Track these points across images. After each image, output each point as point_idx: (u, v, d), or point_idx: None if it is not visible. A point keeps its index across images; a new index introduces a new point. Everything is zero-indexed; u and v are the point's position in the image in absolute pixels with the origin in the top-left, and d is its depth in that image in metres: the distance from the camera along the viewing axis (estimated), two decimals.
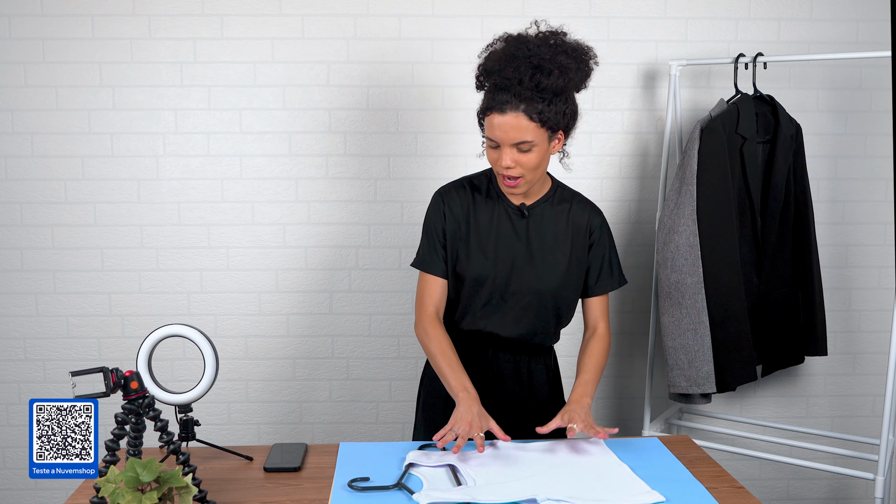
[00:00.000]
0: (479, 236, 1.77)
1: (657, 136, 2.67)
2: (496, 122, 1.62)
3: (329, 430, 2.72)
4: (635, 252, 2.72)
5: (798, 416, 2.80)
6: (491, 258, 1.76)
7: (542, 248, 1.77)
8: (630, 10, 2.62)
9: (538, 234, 1.77)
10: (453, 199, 1.80)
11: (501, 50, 1.66)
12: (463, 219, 1.78)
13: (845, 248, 2.73)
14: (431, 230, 1.81)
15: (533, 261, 1.76)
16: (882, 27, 2.63)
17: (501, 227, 1.77)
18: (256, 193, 2.63)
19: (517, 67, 1.61)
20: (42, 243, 2.61)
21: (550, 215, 1.79)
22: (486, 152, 1.70)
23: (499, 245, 1.76)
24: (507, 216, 1.77)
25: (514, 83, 1.60)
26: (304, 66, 2.58)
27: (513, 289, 1.77)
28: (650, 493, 1.39)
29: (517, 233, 1.77)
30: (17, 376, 2.65)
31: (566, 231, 1.78)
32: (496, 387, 1.83)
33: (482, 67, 1.68)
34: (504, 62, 1.63)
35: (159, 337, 1.51)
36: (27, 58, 2.54)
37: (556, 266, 1.77)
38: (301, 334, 2.68)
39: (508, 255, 1.76)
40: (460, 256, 1.77)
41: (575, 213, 1.80)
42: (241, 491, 1.46)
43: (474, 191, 1.80)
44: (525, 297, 1.77)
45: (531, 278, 1.76)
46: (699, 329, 2.30)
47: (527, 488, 1.39)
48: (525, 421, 1.80)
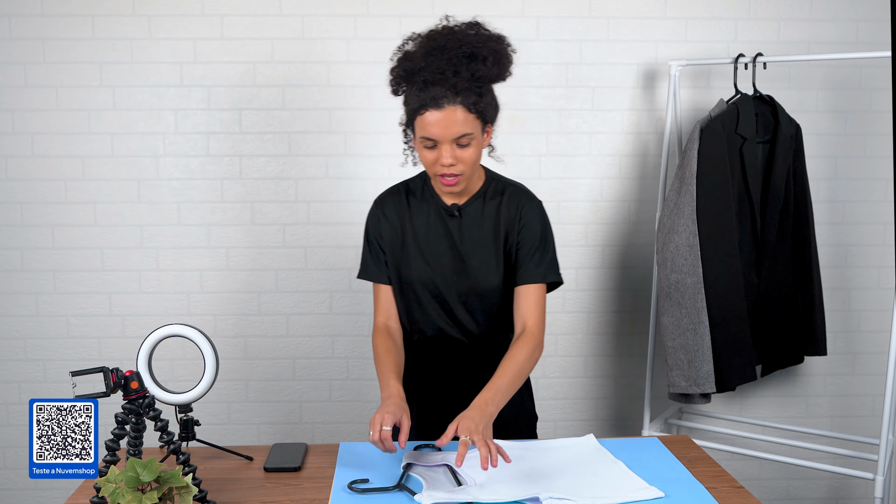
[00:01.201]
0: (417, 241, 1.73)
1: (657, 136, 2.67)
2: (433, 119, 1.54)
3: (329, 430, 2.72)
4: (635, 252, 2.72)
5: (798, 416, 2.80)
6: (432, 262, 1.71)
7: (475, 249, 1.71)
8: (630, 10, 2.62)
9: (470, 234, 1.71)
10: (388, 205, 1.76)
11: (423, 46, 1.58)
12: (399, 225, 1.74)
13: (845, 248, 2.73)
14: (371, 239, 1.77)
15: (468, 262, 1.71)
16: (882, 27, 2.63)
17: (437, 229, 1.72)
18: (256, 193, 2.63)
19: (449, 59, 1.54)
20: (42, 243, 2.61)
21: (483, 212, 1.72)
22: (421, 155, 1.61)
23: (437, 248, 1.72)
24: (441, 218, 1.72)
25: (448, 75, 1.53)
26: (303, 66, 2.58)
27: (457, 291, 1.72)
28: (649, 489, 1.40)
29: (451, 234, 1.71)
30: (17, 376, 2.65)
31: (498, 227, 1.71)
32: (461, 391, 1.75)
33: (401, 69, 1.60)
34: (431, 56, 1.55)
35: (159, 337, 1.51)
36: (27, 58, 2.54)
37: (489, 266, 1.71)
38: (301, 334, 2.69)
39: (446, 258, 1.71)
40: (402, 263, 1.73)
41: (505, 205, 1.72)
42: (241, 491, 1.46)
43: (409, 195, 1.76)
44: (470, 299, 1.72)
45: (469, 280, 1.71)
46: (699, 329, 2.30)
47: (528, 486, 1.39)
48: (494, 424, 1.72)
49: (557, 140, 2.66)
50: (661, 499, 1.38)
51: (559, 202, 2.68)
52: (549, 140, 2.66)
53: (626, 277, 2.73)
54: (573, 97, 2.65)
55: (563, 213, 2.68)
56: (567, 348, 2.76)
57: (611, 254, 2.72)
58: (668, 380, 2.38)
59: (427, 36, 1.60)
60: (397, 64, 1.62)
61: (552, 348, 2.74)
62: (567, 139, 2.66)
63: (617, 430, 2.79)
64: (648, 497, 1.37)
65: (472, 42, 1.56)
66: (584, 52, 2.63)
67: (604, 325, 2.75)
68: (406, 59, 1.60)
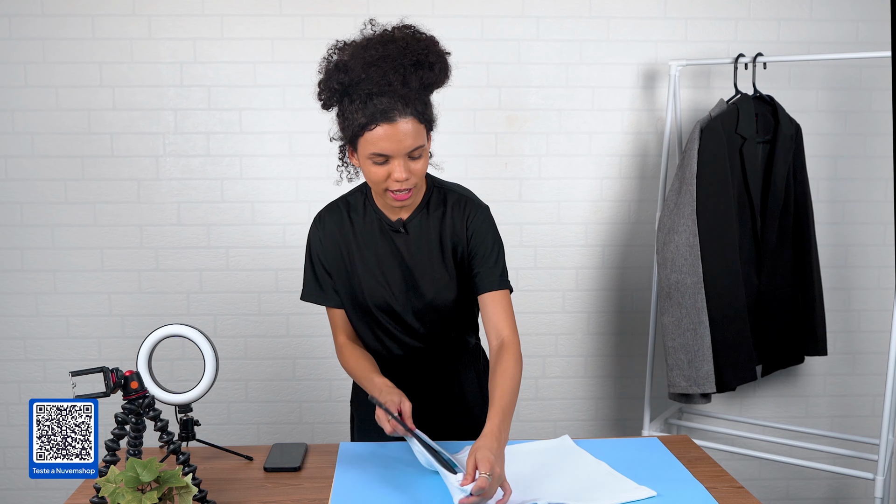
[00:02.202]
0: (364, 260, 1.63)
1: (657, 136, 2.67)
2: (384, 133, 1.42)
3: (329, 430, 2.72)
4: (635, 252, 2.72)
5: (798, 416, 2.80)
6: (381, 282, 1.62)
7: (425, 265, 1.62)
8: (630, 10, 2.62)
9: (418, 249, 1.62)
10: (329, 224, 1.65)
11: (359, 56, 1.46)
12: (343, 244, 1.64)
13: (845, 248, 2.73)
14: (314, 261, 1.67)
15: (418, 279, 1.62)
16: (882, 27, 2.63)
17: (383, 246, 1.62)
18: (256, 193, 2.63)
19: (395, 68, 1.43)
20: (42, 243, 2.61)
21: (428, 225, 1.62)
22: (368, 172, 1.49)
23: (386, 266, 1.62)
24: (386, 234, 1.62)
25: (396, 86, 1.43)
26: (304, 66, 2.58)
27: (413, 309, 1.64)
28: (639, 489, 1.39)
29: (399, 251, 1.62)
30: (17, 376, 2.65)
31: (444, 240, 1.61)
32: (437, 398, 1.72)
33: (335, 82, 1.47)
34: (374, 66, 1.44)
35: (159, 337, 1.51)
36: (27, 58, 2.54)
37: (441, 281, 1.62)
38: (301, 334, 2.68)
39: (394, 276, 1.62)
40: (353, 285, 1.64)
41: (450, 216, 1.61)
42: (241, 491, 1.46)
43: (351, 211, 1.65)
44: (427, 315, 1.65)
45: (424, 298, 1.63)
46: (699, 329, 2.30)
47: (525, 492, 1.38)
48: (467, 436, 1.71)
49: (557, 140, 2.66)
50: (655, 497, 1.38)
51: (559, 202, 2.68)
52: (549, 140, 2.66)
53: (626, 277, 2.73)
54: (573, 97, 2.65)
55: (563, 213, 2.68)
56: (567, 348, 2.76)
57: (611, 254, 2.72)
58: (668, 380, 2.38)
59: (363, 45, 1.47)
60: (328, 76, 1.50)
61: (552, 348, 2.74)
62: (567, 139, 2.66)
63: (617, 430, 2.79)
64: (642, 496, 1.37)
65: (415, 49, 1.46)
66: (584, 52, 2.63)
67: (604, 325, 2.75)
68: (340, 71, 1.47)
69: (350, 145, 1.52)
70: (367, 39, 1.49)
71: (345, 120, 1.49)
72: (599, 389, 2.78)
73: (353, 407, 1.85)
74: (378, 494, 1.40)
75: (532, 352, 2.71)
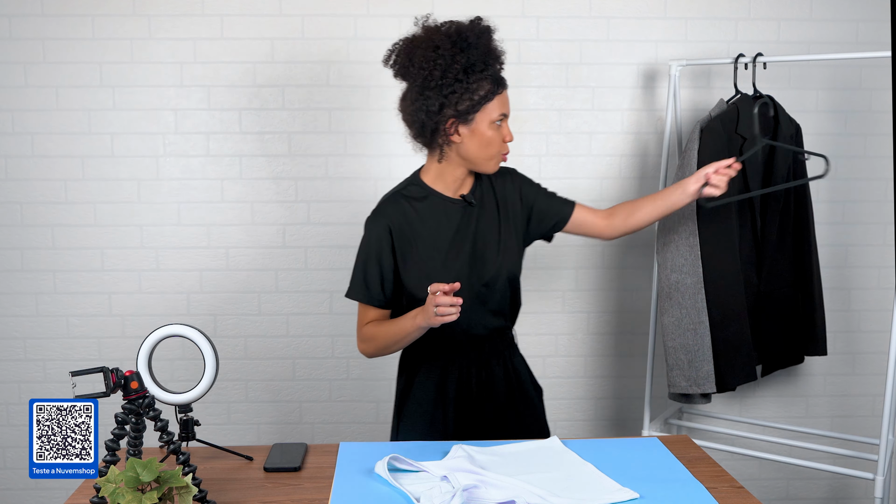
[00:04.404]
0: (429, 242, 1.74)
1: (657, 136, 2.67)
2: (503, 98, 1.70)
3: (329, 430, 2.72)
4: (635, 252, 2.72)
5: (798, 416, 2.80)
6: (446, 261, 1.73)
7: (492, 236, 1.77)
8: (630, 10, 2.62)
9: (484, 220, 1.77)
10: (389, 214, 1.75)
11: (450, 46, 1.66)
12: (408, 230, 1.74)
13: (845, 248, 2.73)
14: (368, 256, 1.75)
15: (486, 252, 1.75)
16: (882, 27, 2.63)
17: (448, 227, 1.75)
18: (256, 193, 2.63)
19: (480, 49, 1.67)
20: (42, 243, 2.61)
21: (488, 196, 1.80)
22: (485, 140, 1.69)
23: (450, 246, 1.75)
24: (451, 214, 1.76)
25: (490, 61, 1.68)
26: (303, 66, 2.58)
27: (473, 286, 1.74)
28: (622, 491, 1.39)
29: (468, 226, 1.76)
30: (17, 376, 2.65)
31: (504, 206, 1.79)
32: (489, 386, 1.81)
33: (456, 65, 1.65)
34: (468, 51, 1.66)
35: (159, 337, 1.51)
36: (27, 58, 2.54)
37: (510, 250, 1.77)
38: (301, 334, 2.68)
39: (462, 254, 1.74)
40: (417, 269, 1.73)
41: (498, 186, 1.81)
42: (241, 491, 1.46)
43: (411, 199, 1.77)
44: (496, 285, 1.76)
45: (486, 272, 1.75)
46: (699, 329, 2.30)
47: (503, 490, 1.38)
48: (516, 420, 1.80)
49: (557, 140, 2.66)
50: (655, 498, 1.38)
51: None
52: (549, 140, 2.66)
53: (626, 277, 2.73)
54: (573, 97, 2.65)
55: None
56: (567, 348, 2.76)
57: (611, 254, 2.72)
58: (668, 380, 2.38)
59: (447, 36, 1.67)
60: (451, 59, 1.65)
61: (552, 348, 2.74)
62: (567, 139, 2.66)
63: (617, 430, 2.79)
64: (624, 499, 1.37)
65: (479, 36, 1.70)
66: (584, 52, 2.63)
67: (604, 325, 2.75)
68: (453, 60, 1.66)
69: (459, 120, 1.68)
70: (445, 31, 1.69)
71: (464, 94, 1.66)
72: (599, 389, 2.78)
73: (396, 404, 1.90)
74: (378, 494, 1.40)
75: (532, 352, 2.70)
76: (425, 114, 1.68)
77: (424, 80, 1.67)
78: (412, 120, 1.72)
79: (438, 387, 1.79)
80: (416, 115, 1.70)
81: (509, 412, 1.83)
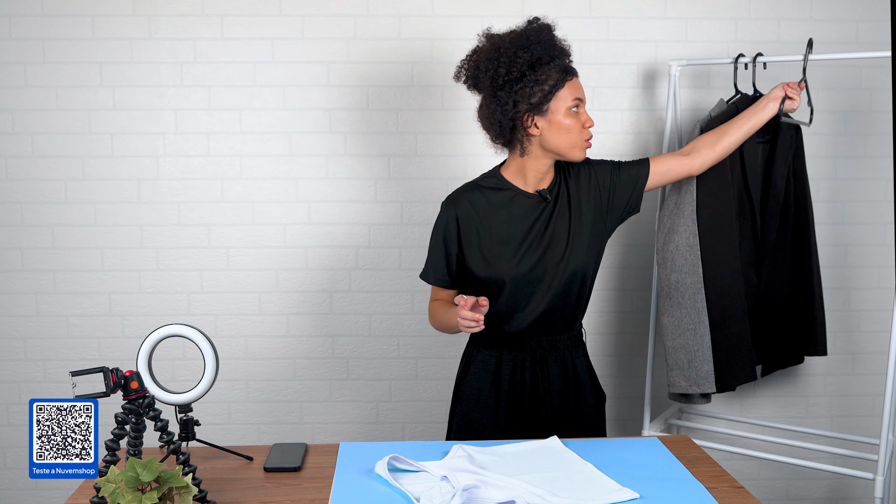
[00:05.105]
0: (500, 233, 1.78)
1: (657, 136, 2.67)
2: (575, 84, 1.76)
3: (329, 430, 2.72)
4: (635, 252, 2.72)
5: (798, 416, 2.80)
6: (518, 252, 1.78)
7: (565, 232, 1.80)
8: (630, 10, 2.62)
9: (560, 216, 1.81)
10: (461, 203, 1.81)
11: (512, 46, 1.72)
12: (479, 219, 1.80)
13: (845, 248, 2.73)
14: (437, 242, 1.83)
15: (560, 246, 1.79)
16: (882, 27, 2.63)
17: (523, 220, 1.80)
18: (256, 193, 2.63)
19: (539, 41, 1.72)
20: (42, 243, 2.61)
21: (564, 192, 1.83)
22: (564, 128, 1.74)
23: (523, 238, 1.78)
24: (529, 207, 1.80)
25: (554, 51, 1.74)
26: (304, 66, 2.58)
27: (545, 278, 1.78)
28: (622, 491, 1.39)
29: (543, 221, 1.80)
30: (17, 376, 2.65)
31: (577, 199, 1.82)
32: (544, 385, 1.84)
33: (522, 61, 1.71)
34: (530, 47, 1.71)
35: (159, 337, 1.51)
36: (27, 58, 2.54)
37: (582, 246, 1.80)
38: (301, 334, 2.69)
39: (536, 247, 1.79)
40: (487, 257, 1.78)
41: (572, 183, 1.84)
42: (241, 491, 1.46)
43: (485, 190, 1.82)
44: (571, 280, 1.80)
45: (559, 265, 1.79)
46: (699, 329, 2.30)
47: (503, 490, 1.38)
48: (570, 422, 1.84)
49: None
50: (655, 498, 1.38)
51: None
52: None
53: (626, 277, 2.73)
54: None
55: None
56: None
57: (611, 254, 2.72)
58: (668, 380, 2.38)
59: (509, 39, 1.75)
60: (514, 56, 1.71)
61: None
62: None
63: (617, 430, 2.79)
64: (624, 499, 1.37)
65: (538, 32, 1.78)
66: (584, 52, 2.63)
67: (604, 325, 2.75)
68: (517, 56, 1.71)
69: (535, 112, 1.73)
70: (508, 36, 1.76)
71: (534, 86, 1.71)
72: None
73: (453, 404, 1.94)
74: (378, 494, 1.40)
75: None
76: (501, 113, 1.73)
77: (493, 81, 1.73)
78: (490, 123, 1.78)
79: (494, 376, 1.85)
80: (493, 116, 1.75)
81: (563, 413, 1.85)
